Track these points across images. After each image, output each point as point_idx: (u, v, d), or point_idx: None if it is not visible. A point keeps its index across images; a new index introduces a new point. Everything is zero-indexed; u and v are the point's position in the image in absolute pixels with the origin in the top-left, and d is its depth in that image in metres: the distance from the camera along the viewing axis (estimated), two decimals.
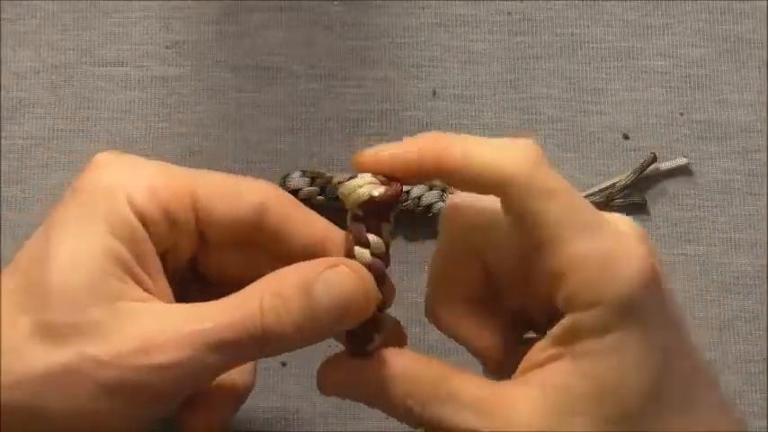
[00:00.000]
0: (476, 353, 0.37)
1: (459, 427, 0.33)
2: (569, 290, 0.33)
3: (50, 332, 0.32)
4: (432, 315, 0.37)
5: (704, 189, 0.49)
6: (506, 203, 0.34)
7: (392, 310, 0.38)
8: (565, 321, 0.33)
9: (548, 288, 0.33)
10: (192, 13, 0.51)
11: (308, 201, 0.47)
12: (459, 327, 0.36)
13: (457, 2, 0.51)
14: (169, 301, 0.35)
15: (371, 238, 0.35)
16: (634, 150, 0.49)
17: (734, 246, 0.49)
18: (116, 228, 0.33)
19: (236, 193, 0.36)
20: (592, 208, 0.34)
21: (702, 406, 0.34)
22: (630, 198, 0.48)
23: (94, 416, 0.32)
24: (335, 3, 0.51)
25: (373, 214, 0.35)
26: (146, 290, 0.34)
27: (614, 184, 0.48)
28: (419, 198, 0.47)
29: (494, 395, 0.33)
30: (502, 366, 0.36)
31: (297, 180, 0.47)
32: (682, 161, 0.49)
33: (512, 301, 0.37)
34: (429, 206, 0.47)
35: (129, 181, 0.35)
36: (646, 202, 0.49)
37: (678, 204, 0.49)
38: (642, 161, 0.49)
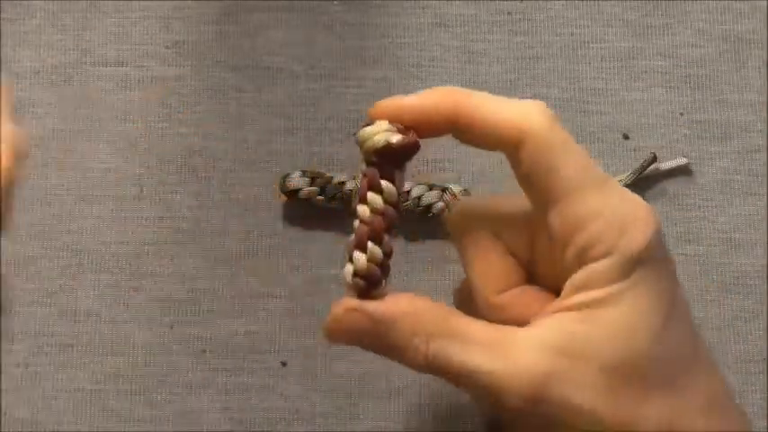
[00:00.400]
0: None
1: (465, 365, 0.33)
2: (584, 241, 0.33)
3: None
4: (493, 309, 0.37)
5: (704, 189, 0.49)
6: (521, 158, 0.34)
7: None
8: (576, 276, 0.34)
9: (559, 247, 0.34)
10: (192, 13, 0.51)
11: (307, 201, 0.47)
12: (526, 310, 0.36)
13: (457, 2, 0.51)
14: None
15: (385, 184, 0.35)
16: (634, 150, 0.49)
17: (734, 246, 0.49)
18: None
19: None
20: (597, 165, 0.35)
21: (694, 368, 0.35)
22: None
23: None
24: (335, 3, 0.51)
25: (388, 161, 0.35)
26: None
27: None
28: (419, 198, 0.47)
29: (500, 335, 0.34)
30: None
31: (297, 180, 0.47)
32: (682, 161, 0.49)
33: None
34: (429, 206, 0.47)
35: None
36: None
37: (678, 204, 0.49)
38: (642, 161, 0.49)
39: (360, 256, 0.35)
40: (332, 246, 0.48)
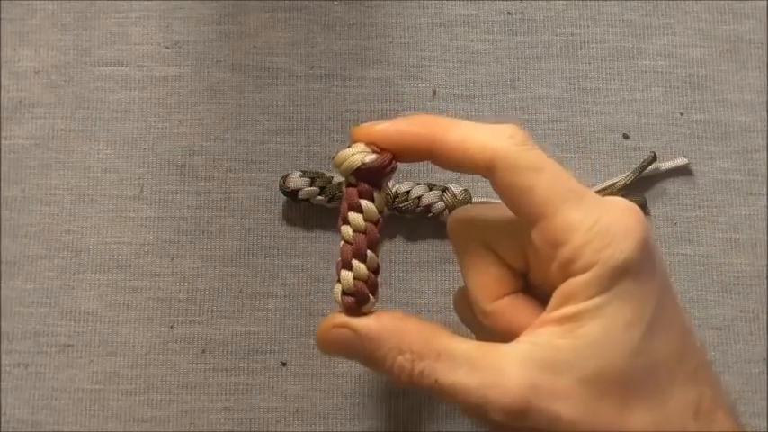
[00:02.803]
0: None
1: (451, 383, 0.34)
2: (566, 255, 0.34)
3: None
4: (483, 316, 0.38)
5: (704, 189, 0.49)
6: (497, 183, 0.35)
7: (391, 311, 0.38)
8: (560, 288, 0.34)
9: (546, 263, 0.34)
10: (192, 13, 0.51)
11: (307, 201, 0.47)
12: (514, 318, 0.37)
13: (457, 2, 0.51)
14: None
15: (364, 204, 0.36)
16: (634, 150, 0.50)
17: (734, 246, 0.49)
18: None
19: None
20: (575, 180, 0.35)
21: (683, 377, 0.34)
22: (630, 198, 0.48)
23: None
24: (335, 3, 0.51)
25: (365, 181, 0.36)
26: None
27: (614, 184, 0.48)
28: (419, 198, 0.47)
29: (483, 352, 0.34)
30: None
31: (297, 180, 0.47)
32: (682, 161, 0.49)
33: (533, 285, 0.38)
34: (429, 206, 0.47)
35: None
36: (646, 202, 0.49)
37: (678, 204, 0.49)
38: (642, 161, 0.49)
39: (346, 275, 0.36)
40: (332, 246, 0.48)
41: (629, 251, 0.33)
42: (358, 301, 0.36)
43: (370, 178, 0.36)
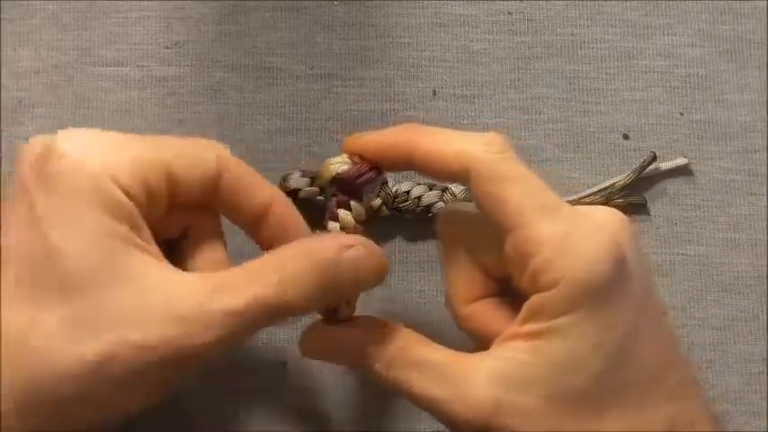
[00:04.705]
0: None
1: (421, 393, 0.34)
2: (533, 268, 0.34)
3: (79, 325, 0.32)
4: (459, 319, 0.38)
5: (704, 189, 0.49)
6: (473, 190, 0.35)
7: (391, 311, 0.38)
8: (529, 303, 0.34)
9: (519, 273, 0.35)
10: (192, 13, 0.51)
11: (308, 201, 0.47)
12: (486, 323, 0.37)
13: (457, 2, 0.51)
14: (165, 265, 0.35)
15: (341, 213, 0.38)
16: (634, 150, 0.50)
17: (734, 246, 0.49)
18: (111, 209, 0.34)
19: (197, 158, 0.38)
20: (552, 192, 0.35)
21: (660, 393, 0.34)
22: (630, 198, 0.48)
23: (124, 400, 0.33)
24: (335, 3, 0.51)
25: (344, 191, 0.38)
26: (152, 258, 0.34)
27: (614, 184, 0.48)
28: (419, 198, 0.47)
29: (456, 364, 0.35)
30: None
31: (297, 180, 0.47)
32: (682, 161, 0.49)
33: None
34: (429, 206, 0.47)
35: (110, 162, 0.35)
36: (646, 202, 0.49)
37: (678, 204, 0.49)
38: (642, 161, 0.49)
39: None
40: None
41: (596, 270, 0.33)
42: (332, 309, 0.37)
43: (347, 188, 0.38)
